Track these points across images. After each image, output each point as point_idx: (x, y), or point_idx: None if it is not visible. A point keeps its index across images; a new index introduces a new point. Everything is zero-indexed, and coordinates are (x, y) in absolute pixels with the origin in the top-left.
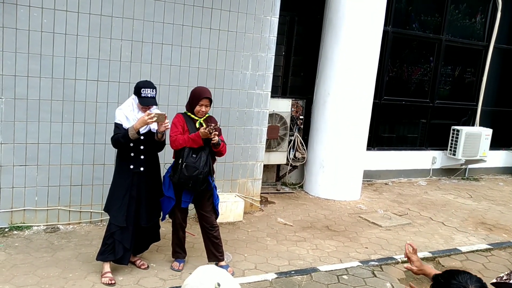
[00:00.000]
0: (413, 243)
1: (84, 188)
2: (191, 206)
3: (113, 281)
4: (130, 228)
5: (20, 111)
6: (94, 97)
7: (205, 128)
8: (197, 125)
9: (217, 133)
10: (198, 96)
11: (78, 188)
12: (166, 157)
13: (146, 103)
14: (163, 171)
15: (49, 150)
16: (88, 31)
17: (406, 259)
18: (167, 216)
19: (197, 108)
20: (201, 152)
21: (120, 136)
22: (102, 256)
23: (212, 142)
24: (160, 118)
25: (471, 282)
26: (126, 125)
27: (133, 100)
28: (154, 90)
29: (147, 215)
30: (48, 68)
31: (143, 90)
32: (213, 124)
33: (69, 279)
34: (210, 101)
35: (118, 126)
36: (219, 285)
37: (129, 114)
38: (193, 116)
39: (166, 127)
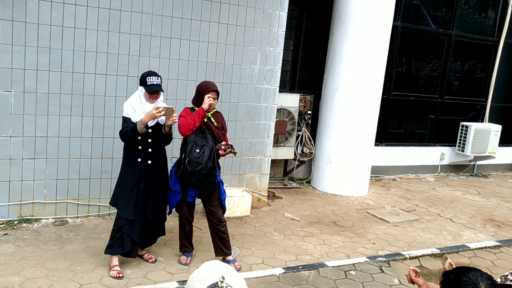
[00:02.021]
0: (416, 268)
1: (93, 182)
2: (198, 201)
3: (121, 274)
4: (138, 221)
5: (29, 104)
6: (102, 91)
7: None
8: (205, 120)
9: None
10: (206, 90)
11: (87, 182)
12: (174, 151)
13: (153, 89)
14: (170, 165)
15: (58, 143)
16: (97, 25)
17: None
18: (173, 210)
19: (208, 101)
20: (205, 147)
21: (129, 130)
22: (111, 249)
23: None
24: (168, 112)
25: (482, 279)
26: (134, 118)
27: (139, 92)
28: (159, 78)
29: (153, 208)
30: (57, 62)
31: (148, 78)
32: (224, 143)
33: (77, 272)
34: (218, 94)
35: (126, 120)
36: (223, 278)
37: (137, 107)
38: None
39: (174, 120)
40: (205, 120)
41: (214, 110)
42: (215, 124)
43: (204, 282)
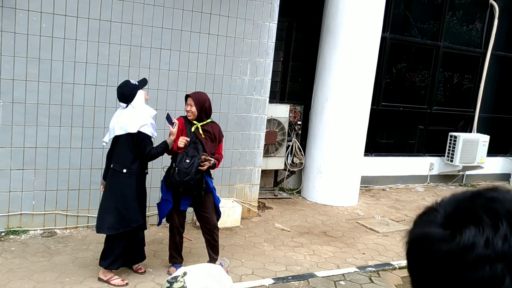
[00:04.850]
0: None
1: (82, 193)
2: (190, 210)
3: (125, 281)
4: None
5: (18, 115)
6: (92, 101)
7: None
8: (193, 129)
9: (206, 163)
10: (185, 97)
11: (76, 193)
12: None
13: (145, 82)
14: (162, 174)
15: (47, 154)
16: (87, 36)
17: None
18: (163, 220)
19: (185, 107)
20: (195, 158)
21: (160, 151)
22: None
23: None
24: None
25: None
26: (153, 132)
27: (139, 100)
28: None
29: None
30: (47, 72)
31: (132, 81)
32: (203, 156)
33: (65, 284)
34: (194, 100)
35: (150, 139)
36: (184, 274)
37: (150, 119)
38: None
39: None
40: (193, 129)
41: (210, 120)
42: (202, 135)
43: (175, 274)
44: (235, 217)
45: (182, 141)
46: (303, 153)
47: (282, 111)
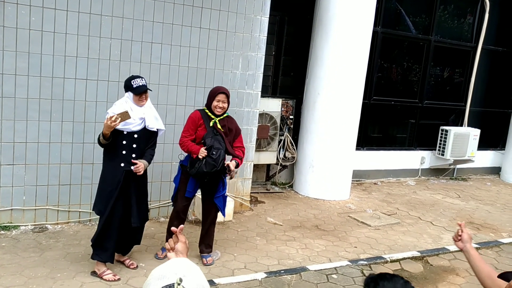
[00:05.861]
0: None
1: (73, 188)
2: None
3: (117, 276)
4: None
5: (7, 109)
6: (83, 96)
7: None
8: (211, 124)
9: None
10: (215, 92)
11: (67, 188)
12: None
13: (140, 90)
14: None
15: (37, 149)
16: (77, 30)
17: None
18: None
19: (214, 103)
20: (220, 150)
21: (98, 138)
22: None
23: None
24: (124, 116)
25: None
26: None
27: (126, 98)
28: (143, 79)
29: (138, 214)
30: (37, 67)
31: (133, 81)
32: (232, 171)
33: (57, 279)
34: (227, 97)
35: None
36: (181, 280)
37: (116, 110)
38: (210, 113)
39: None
40: (211, 124)
41: (226, 115)
42: (222, 130)
43: (162, 281)
44: (227, 211)
45: (202, 155)
46: (295, 147)
47: (274, 105)
